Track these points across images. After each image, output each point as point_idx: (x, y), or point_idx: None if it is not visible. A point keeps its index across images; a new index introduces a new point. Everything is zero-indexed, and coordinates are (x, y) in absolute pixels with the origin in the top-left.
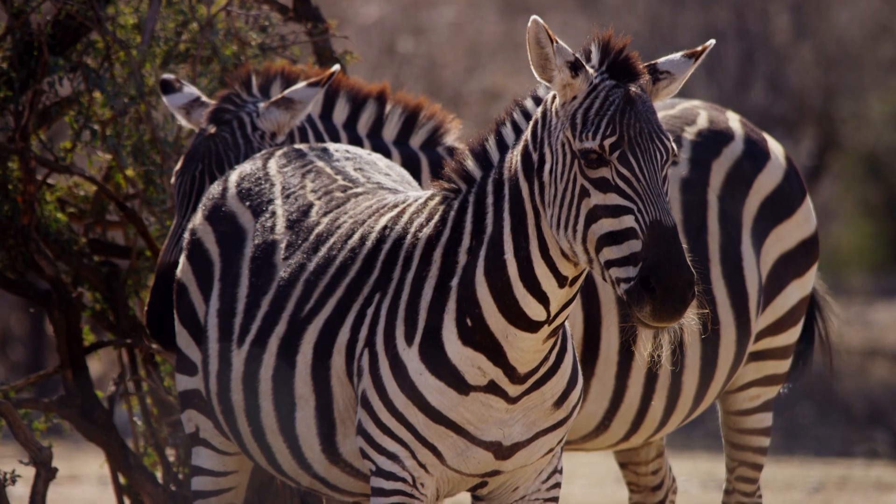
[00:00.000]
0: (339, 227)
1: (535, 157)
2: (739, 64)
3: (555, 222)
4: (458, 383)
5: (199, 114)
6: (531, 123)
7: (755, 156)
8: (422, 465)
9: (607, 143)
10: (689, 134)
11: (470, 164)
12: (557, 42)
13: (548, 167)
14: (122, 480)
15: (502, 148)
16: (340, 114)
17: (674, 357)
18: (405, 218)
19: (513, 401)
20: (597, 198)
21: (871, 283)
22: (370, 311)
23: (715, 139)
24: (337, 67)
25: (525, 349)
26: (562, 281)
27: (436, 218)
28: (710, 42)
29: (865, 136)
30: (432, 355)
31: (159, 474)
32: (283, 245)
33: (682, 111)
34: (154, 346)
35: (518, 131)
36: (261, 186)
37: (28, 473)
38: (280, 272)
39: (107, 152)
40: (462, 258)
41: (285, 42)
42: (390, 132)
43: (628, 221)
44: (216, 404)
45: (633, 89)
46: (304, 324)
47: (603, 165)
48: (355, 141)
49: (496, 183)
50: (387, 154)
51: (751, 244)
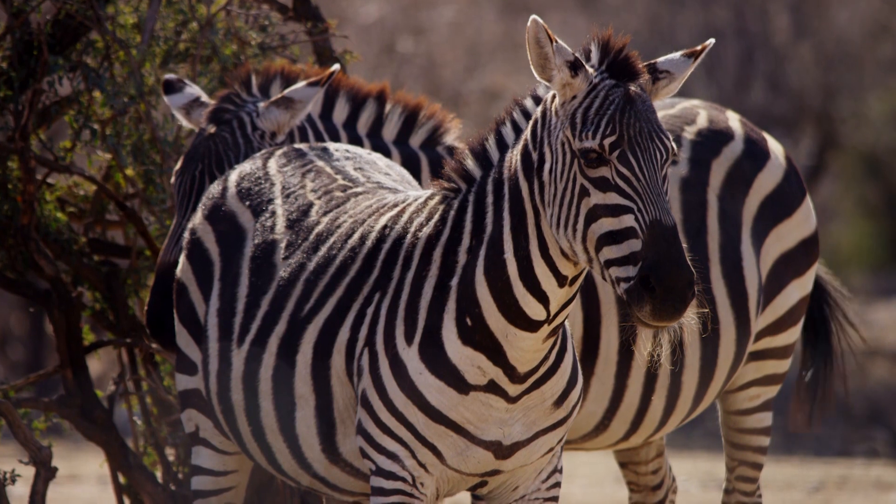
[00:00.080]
0: (338, 227)
1: (535, 156)
2: (739, 63)
3: (554, 222)
4: (458, 383)
5: (199, 113)
6: (531, 123)
7: (755, 155)
8: (422, 465)
9: (607, 142)
10: (689, 133)
11: (470, 163)
12: (557, 41)
13: (547, 166)
14: (121, 480)
15: (502, 147)
16: (340, 113)
17: (673, 357)
18: (405, 217)
19: (513, 400)
20: (596, 197)
21: (870, 282)
22: (370, 311)
23: (715, 139)
24: (337, 67)
25: (525, 348)
26: (561, 280)
27: (436, 217)
28: (710, 41)
29: (865, 135)
30: (432, 355)
31: (159, 474)
32: (282, 244)
33: (682, 110)
34: (154, 346)
35: (518, 131)
36: (261, 186)
37: (28, 473)
38: (280, 271)
39: (106, 152)
40: (462, 257)
41: (285, 41)
42: (390, 132)
43: (628, 221)
44: (216, 404)
45: (632, 89)
46: (304, 323)
47: (603, 165)
48: (355, 140)
49: (496, 182)
50: (387, 153)
51: (750, 244)
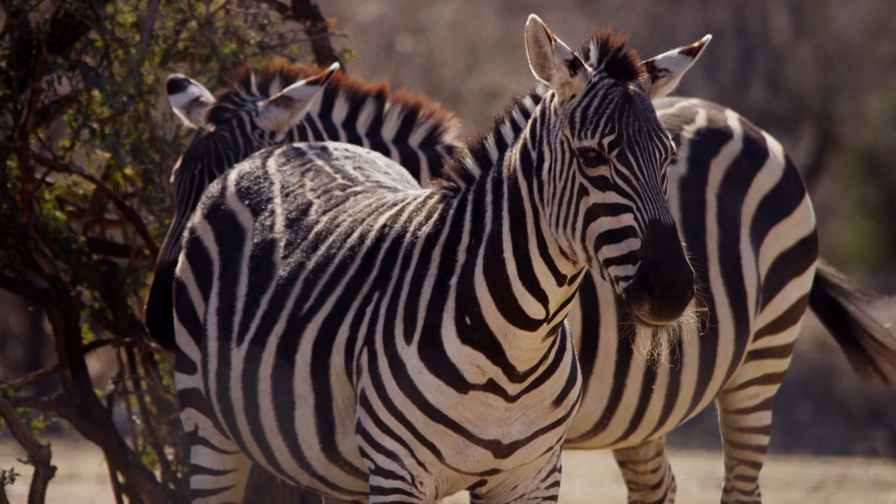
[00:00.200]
0: (338, 226)
1: (534, 155)
2: (738, 63)
3: (554, 221)
4: (457, 382)
5: (199, 112)
6: (530, 122)
7: (754, 154)
8: (421, 464)
9: (606, 141)
10: (688, 132)
11: (469, 162)
12: (556, 40)
13: (547, 165)
14: (120, 479)
15: (501, 146)
16: (339, 112)
17: (672, 356)
18: (404, 216)
19: (512, 399)
20: (596, 196)
21: (870, 282)
22: (369, 310)
23: (714, 138)
24: (336, 66)
25: (524, 347)
26: (561, 279)
27: (435, 216)
28: (707, 37)
29: (864, 134)
30: (431, 354)
31: (158, 473)
32: (282, 243)
33: (681, 110)
34: (153, 345)
35: (517, 130)
36: (260, 185)
37: (27, 472)
38: (279, 271)
39: (105, 151)
40: (461, 256)
41: (284, 40)
42: (389, 131)
43: (627, 220)
44: (215, 403)
45: (631, 87)
46: (304, 322)
47: (602, 164)
48: (354, 139)
49: (495, 181)
50: (386, 152)
51: (749, 243)
